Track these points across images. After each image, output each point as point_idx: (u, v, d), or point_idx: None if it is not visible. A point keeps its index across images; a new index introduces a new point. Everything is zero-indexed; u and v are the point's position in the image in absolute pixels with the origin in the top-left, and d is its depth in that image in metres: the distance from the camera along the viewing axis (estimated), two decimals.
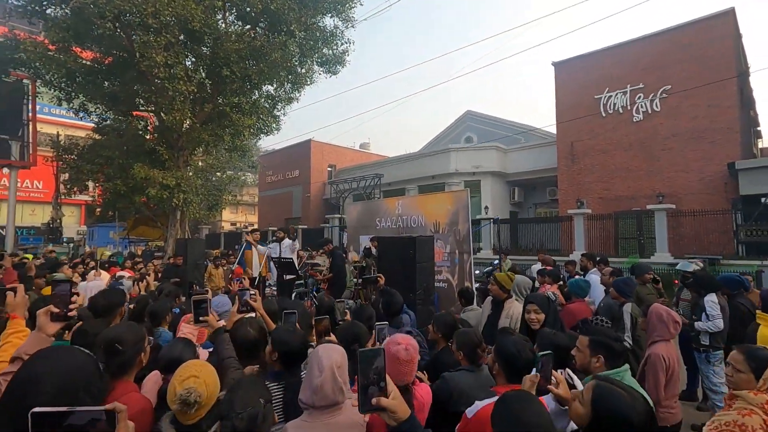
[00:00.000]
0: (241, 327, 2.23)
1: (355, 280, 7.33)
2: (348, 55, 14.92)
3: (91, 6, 10.46)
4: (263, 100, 14.92)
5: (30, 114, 16.68)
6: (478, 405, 1.75)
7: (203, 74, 13.56)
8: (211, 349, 2.24)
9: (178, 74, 11.44)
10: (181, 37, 12.07)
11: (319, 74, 15.19)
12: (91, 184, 15.82)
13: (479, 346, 2.43)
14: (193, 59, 13.25)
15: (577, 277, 5.17)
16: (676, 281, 5.94)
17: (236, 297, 2.47)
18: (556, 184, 17.65)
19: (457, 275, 7.67)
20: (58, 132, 19.56)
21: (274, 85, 14.54)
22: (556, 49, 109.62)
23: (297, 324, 2.40)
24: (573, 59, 17.32)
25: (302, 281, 8.61)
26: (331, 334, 2.39)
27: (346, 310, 3.18)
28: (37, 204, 27.49)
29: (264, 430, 1.41)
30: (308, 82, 14.90)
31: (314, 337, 2.50)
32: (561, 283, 5.07)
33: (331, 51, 14.58)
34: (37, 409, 0.77)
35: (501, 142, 20.69)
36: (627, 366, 2.10)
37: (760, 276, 7.88)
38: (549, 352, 1.80)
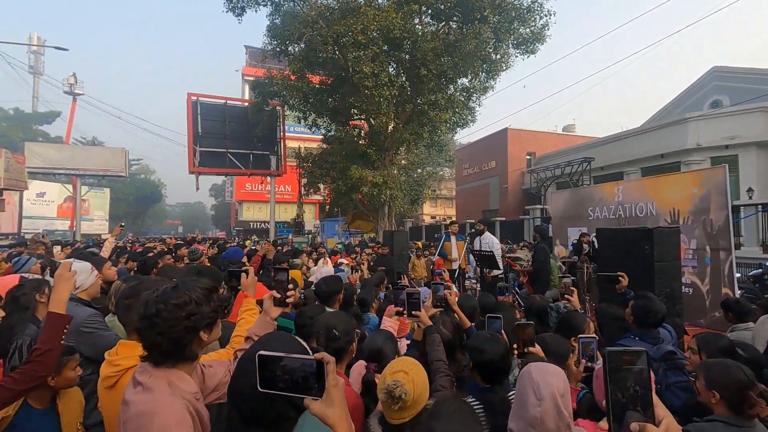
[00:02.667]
0: (433, 325, 2.09)
1: (563, 277, 6.49)
2: (548, 29, 13.53)
3: (318, 37, 12.58)
4: (458, 93, 15.02)
5: (281, 134, 21.44)
6: None
7: (403, 78, 14.59)
8: (409, 341, 2.17)
9: (382, 81, 12.60)
10: (384, 47, 13.24)
11: (516, 56, 14.30)
12: (321, 185, 19.09)
13: (749, 387, 1.63)
14: (394, 65, 14.38)
15: None
16: None
17: (430, 291, 2.30)
18: None
19: (709, 278, 5.96)
20: (299, 146, 24.40)
21: (469, 77, 14.45)
22: None
23: (503, 332, 2.09)
24: None
25: (503, 275, 8.22)
26: (535, 345, 1.98)
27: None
28: (288, 204, 35.09)
29: None
30: (503, 68, 14.22)
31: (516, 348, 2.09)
32: None
33: (528, 29, 13.53)
34: (262, 353, 0.89)
35: None
36: None
37: None
38: None
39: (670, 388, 2.23)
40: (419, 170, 19.30)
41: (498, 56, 13.87)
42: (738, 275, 7.02)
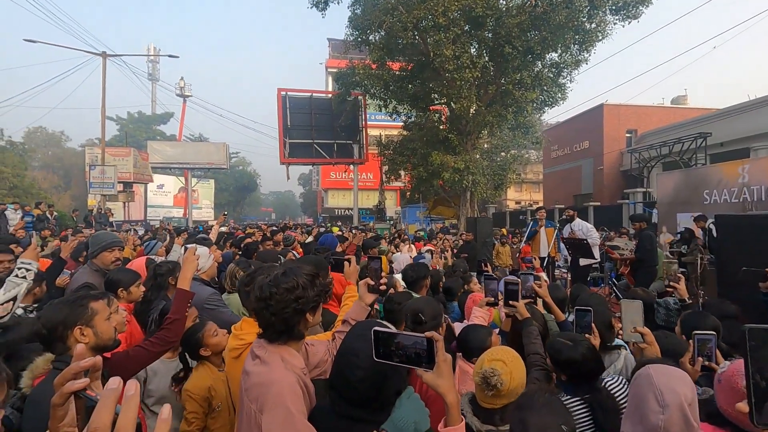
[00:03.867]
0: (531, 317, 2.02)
1: (670, 263, 5.79)
2: None
3: (398, 23, 12.56)
4: (546, 70, 14.04)
5: (363, 122, 21.98)
6: None
7: (486, 58, 13.99)
8: (497, 330, 2.12)
9: (464, 63, 12.23)
10: (466, 27, 12.79)
11: (615, 24, 12.87)
12: (402, 172, 19.29)
13: None
14: (476, 45, 13.84)
15: None
16: None
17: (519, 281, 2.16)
18: None
19: None
20: (380, 133, 24.80)
21: (559, 51, 13.39)
22: None
23: (593, 325, 1.96)
24: None
25: (597, 265, 7.63)
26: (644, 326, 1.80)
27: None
28: (370, 191, 36.03)
29: None
30: (600, 38, 12.89)
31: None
32: None
33: None
34: (377, 329, 1.00)
35: None
36: None
37: None
38: None
39: None
40: (503, 154, 18.53)
41: (593, 25, 12.62)
42: None
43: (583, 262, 5.84)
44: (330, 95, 22.37)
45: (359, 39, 15.00)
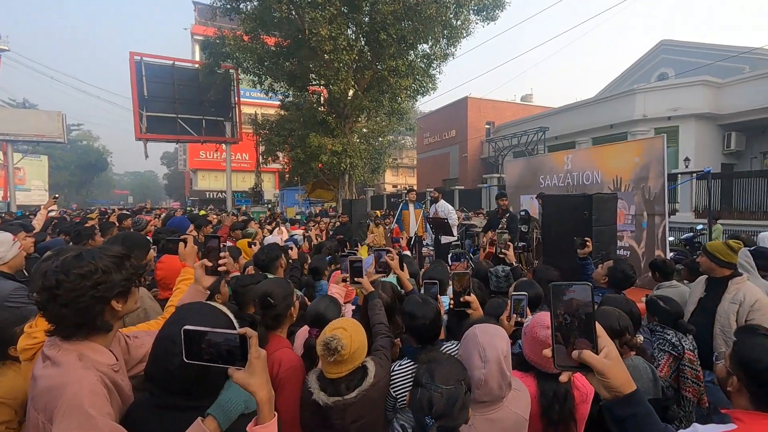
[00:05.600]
0: (375, 291, 2.14)
1: (502, 233, 6.74)
2: None
3: None
4: (419, 60, 14.79)
5: (236, 98, 20.41)
6: (698, 430, 1.26)
7: (362, 42, 14.13)
8: (354, 307, 2.22)
9: (341, 45, 12.15)
10: (343, 8, 12.69)
11: (476, 23, 14.16)
12: (280, 154, 18.56)
13: (620, 335, 1.89)
14: (354, 28, 13.87)
15: None
16: None
17: (373, 256, 2.33)
18: None
19: (645, 242, 6.38)
20: (255, 111, 23.40)
21: (429, 43, 14.22)
22: None
23: (438, 296, 2.17)
24: None
25: (459, 242, 8.45)
26: (472, 294, 2.07)
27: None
28: (246, 173, 33.99)
29: (460, 419, 1.22)
30: (464, 35, 14.07)
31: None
32: None
33: None
34: (187, 327, 0.93)
35: (714, 74, 16.09)
36: None
37: None
38: None
39: None
40: (380, 138, 19.11)
41: (459, 22, 13.69)
42: (671, 239, 7.61)
43: (444, 239, 6.41)
44: (197, 65, 20.16)
45: (228, 6, 13.76)
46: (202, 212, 10.25)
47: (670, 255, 5.92)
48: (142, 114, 18.26)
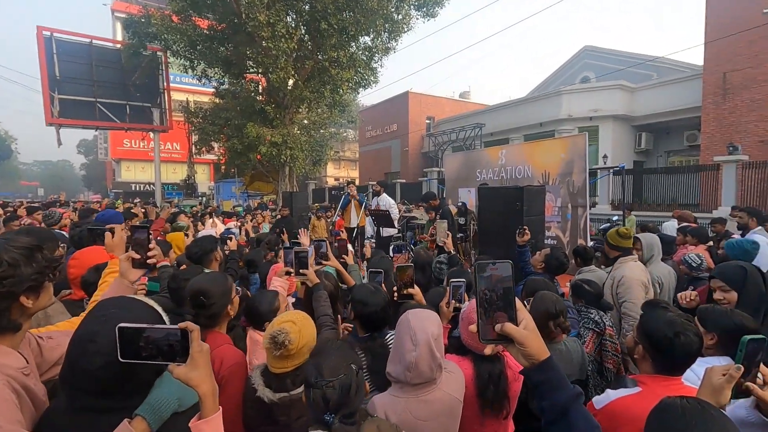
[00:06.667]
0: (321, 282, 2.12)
1: (442, 222, 7.01)
2: None
3: None
4: (360, 52, 14.71)
5: (164, 83, 18.95)
6: (611, 395, 1.40)
7: (303, 31, 13.77)
8: (294, 299, 2.18)
9: (279, 32, 11.75)
10: None
11: (417, 18, 14.36)
12: (215, 144, 17.61)
13: (555, 318, 2.05)
14: (294, 16, 13.47)
15: (736, 237, 4.14)
16: None
17: (313, 248, 2.31)
18: (698, 127, 14.72)
19: (569, 232, 6.92)
20: (187, 98, 21.97)
21: (371, 36, 14.19)
22: None
23: (383, 284, 2.20)
24: None
25: (400, 234, 8.60)
26: (415, 286, 2.13)
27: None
28: (177, 163, 31.90)
29: (358, 402, 1.23)
30: (405, 29, 14.21)
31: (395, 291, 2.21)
32: (711, 244, 4.13)
33: None
34: (123, 325, 0.88)
35: (629, 79, 17.73)
36: None
37: None
38: (763, 337, 1.21)
39: None
40: (322, 131, 18.83)
41: (400, 16, 13.79)
42: (593, 229, 8.32)
43: (385, 232, 6.49)
44: (119, 46, 18.42)
45: None
46: (122, 204, 9.47)
47: (590, 243, 6.48)
48: (54, 96, 16.37)
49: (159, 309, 1.05)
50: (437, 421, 1.50)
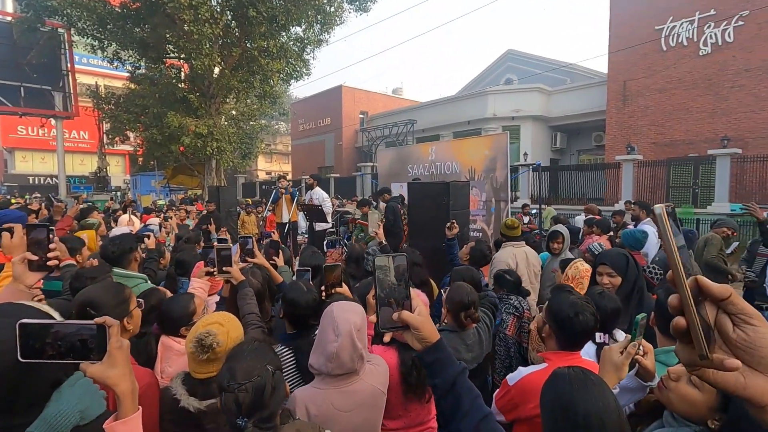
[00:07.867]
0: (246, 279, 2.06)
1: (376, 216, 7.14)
2: None
3: None
4: (292, 43, 14.32)
5: (68, 64, 16.93)
6: (522, 372, 1.54)
7: (229, 16, 13.07)
8: (218, 299, 2.11)
9: (203, 16, 11.05)
10: None
11: (350, 12, 14.29)
12: (131, 134, 16.16)
13: (467, 309, 2.17)
14: (219, 0, 12.73)
15: (629, 227, 4.71)
16: (735, 233, 5.27)
17: (238, 245, 2.25)
18: (603, 128, 16.40)
19: (493, 225, 7.35)
20: (96, 82, 19.87)
21: (303, 27, 13.87)
22: None
23: (311, 282, 2.20)
24: None
25: (334, 229, 8.57)
26: (343, 284, 2.16)
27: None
28: (86, 154, 28.80)
29: (275, 404, 1.18)
30: (338, 22, 14.09)
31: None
32: (611, 234, 4.65)
33: None
34: (24, 321, 0.80)
35: (546, 83, 19.18)
36: None
37: None
38: (645, 315, 1.40)
39: None
40: (251, 122, 18.05)
41: (332, 9, 13.63)
42: None
43: (318, 226, 6.44)
44: (10, 19, 16.09)
45: None
46: (14, 200, 8.39)
47: None
48: None
49: (56, 315, 0.96)
50: (359, 412, 1.53)
